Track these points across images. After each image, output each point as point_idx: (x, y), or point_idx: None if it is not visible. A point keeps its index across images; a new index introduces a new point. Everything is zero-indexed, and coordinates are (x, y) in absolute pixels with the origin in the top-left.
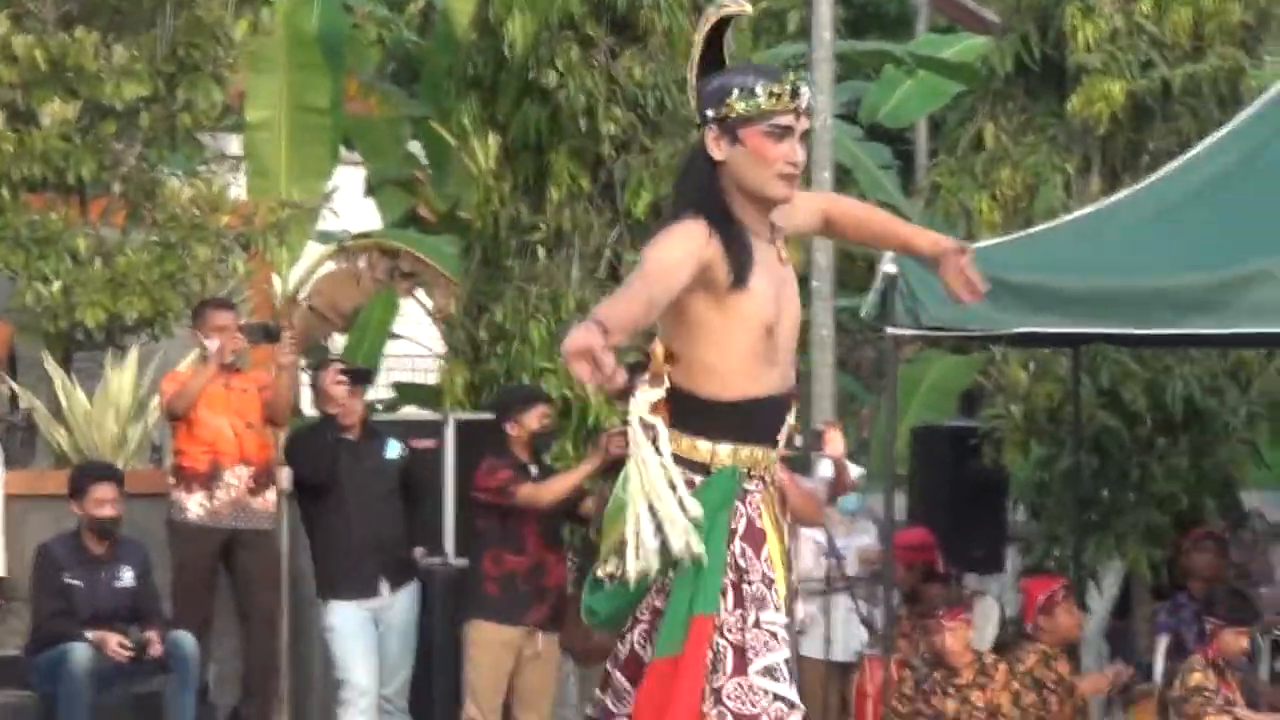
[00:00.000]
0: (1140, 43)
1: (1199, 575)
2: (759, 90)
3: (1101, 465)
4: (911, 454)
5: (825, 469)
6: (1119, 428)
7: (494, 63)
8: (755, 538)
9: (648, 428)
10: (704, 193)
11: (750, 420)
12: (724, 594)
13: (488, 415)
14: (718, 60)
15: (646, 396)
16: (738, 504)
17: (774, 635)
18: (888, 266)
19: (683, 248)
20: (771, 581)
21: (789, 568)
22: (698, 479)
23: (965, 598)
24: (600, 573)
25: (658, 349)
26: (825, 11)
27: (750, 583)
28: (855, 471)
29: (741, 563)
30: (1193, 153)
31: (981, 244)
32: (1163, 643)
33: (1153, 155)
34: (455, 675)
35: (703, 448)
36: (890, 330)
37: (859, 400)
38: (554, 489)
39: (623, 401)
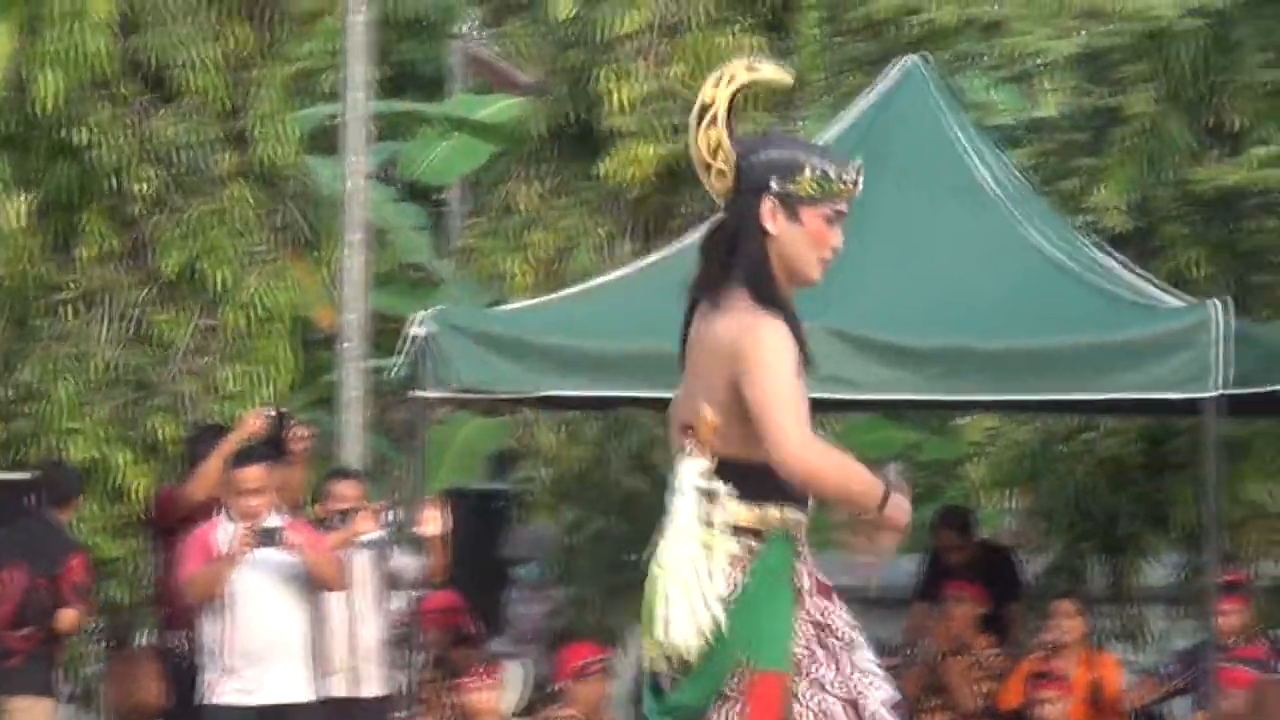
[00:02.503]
0: (673, 107)
1: None
2: (833, 174)
3: (631, 529)
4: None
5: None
6: (648, 491)
7: (25, 120)
8: (824, 591)
9: (707, 494)
10: (762, 272)
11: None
12: (809, 653)
13: (19, 475)
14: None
15: (696, 466)
16: (797, 563)
17: (874, 673)
18: (417, 329)
19: (789, 355)
20: (856, 625)
21: None
22: (755, 544)
23: (494, 660)
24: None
25: (710, 416)
26: (359, 72)
27: (838, 635)
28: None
29: (820, 618)
30: None
31: (513, 306)
32: None
33: (684, 218)
34: None
35: (757, 513)
36: (419, 393)
37: (390, 461)
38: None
39: None
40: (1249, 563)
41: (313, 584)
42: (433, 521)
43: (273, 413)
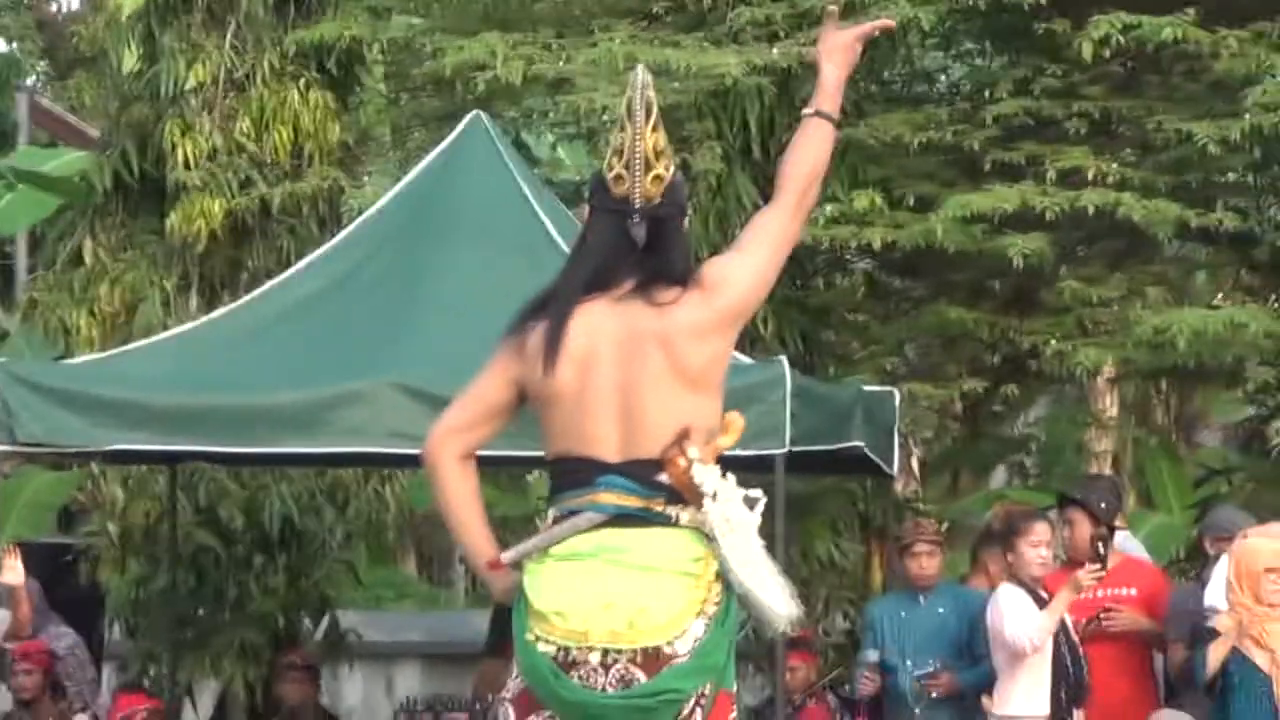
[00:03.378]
0: (240, 161)
1: (293, 703)
2: None
3: (199, 583)
4: None
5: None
6: (216, 546)
7: None
8: None
9: (750, 501)
10: (690, 273)
11: None
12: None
13: None
14: None
15: (714, 472)
16: None
17: None
18: None
19: None
20: None
21: None
22: None
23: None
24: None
25: (740, 418)
26: None
27: None
28: None
29: None
30: (290, 271)
31: (77, 360)
32: None
33: (252, 273)
34: None
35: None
36: None
37: None
38: None
39: None
40: (818, 619)
41: None
42: (11, 570)
43: None
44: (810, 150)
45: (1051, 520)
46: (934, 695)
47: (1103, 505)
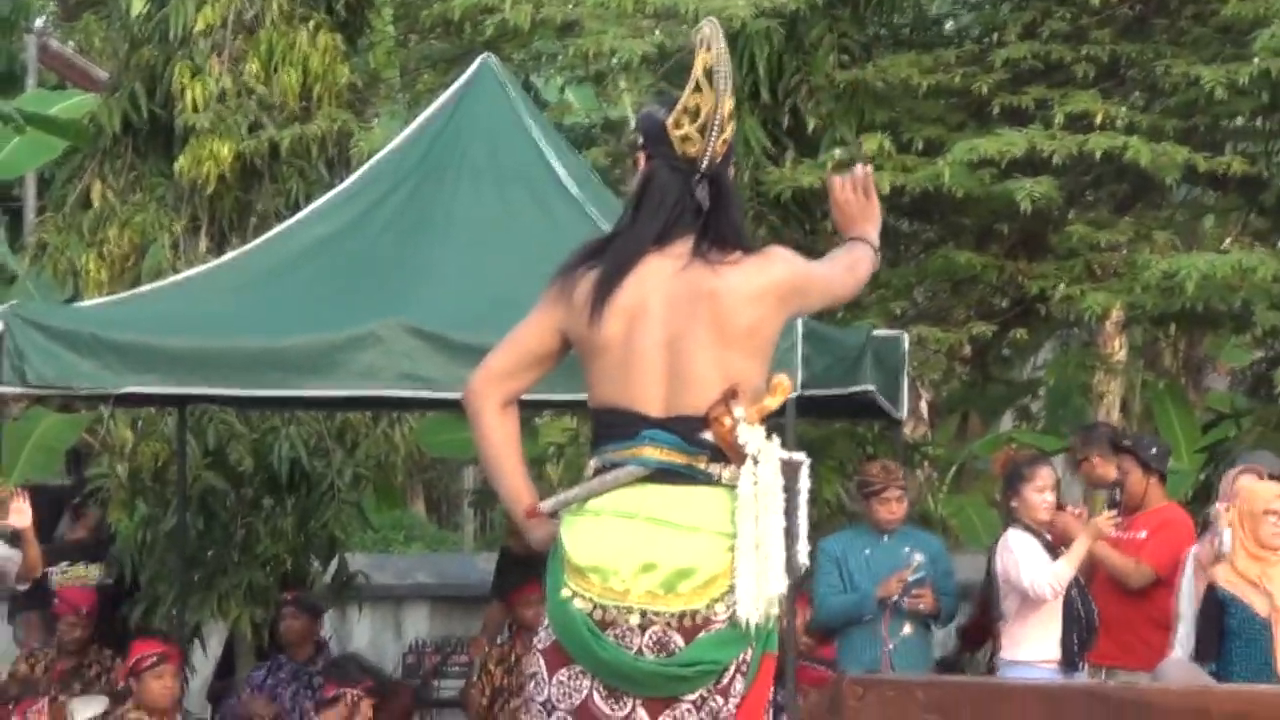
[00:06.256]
0: (249, 104)
1: (290, 640)
2: None
3: (207, 525)
4: None
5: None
6: (225, 488)
7: None
8: None
9: (794, 465)
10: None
11: None
12: None
13: None
14: None
15: (759, 433)
16: None
17: None
18: None
19: None
20: None
21: None
22: None
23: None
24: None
25: (787, 380)
26: None
27: None
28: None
29: None
30: (301, 214)
31: (87, 303)
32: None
33: (261, 216)
34: None
35: None
36: None
37: None
38: None
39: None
40: None
41: None
42: (19, 514)
43: None
44: (855, 255)
45: (1053, 465)
46: (921, 608)
47: (1154, 451)
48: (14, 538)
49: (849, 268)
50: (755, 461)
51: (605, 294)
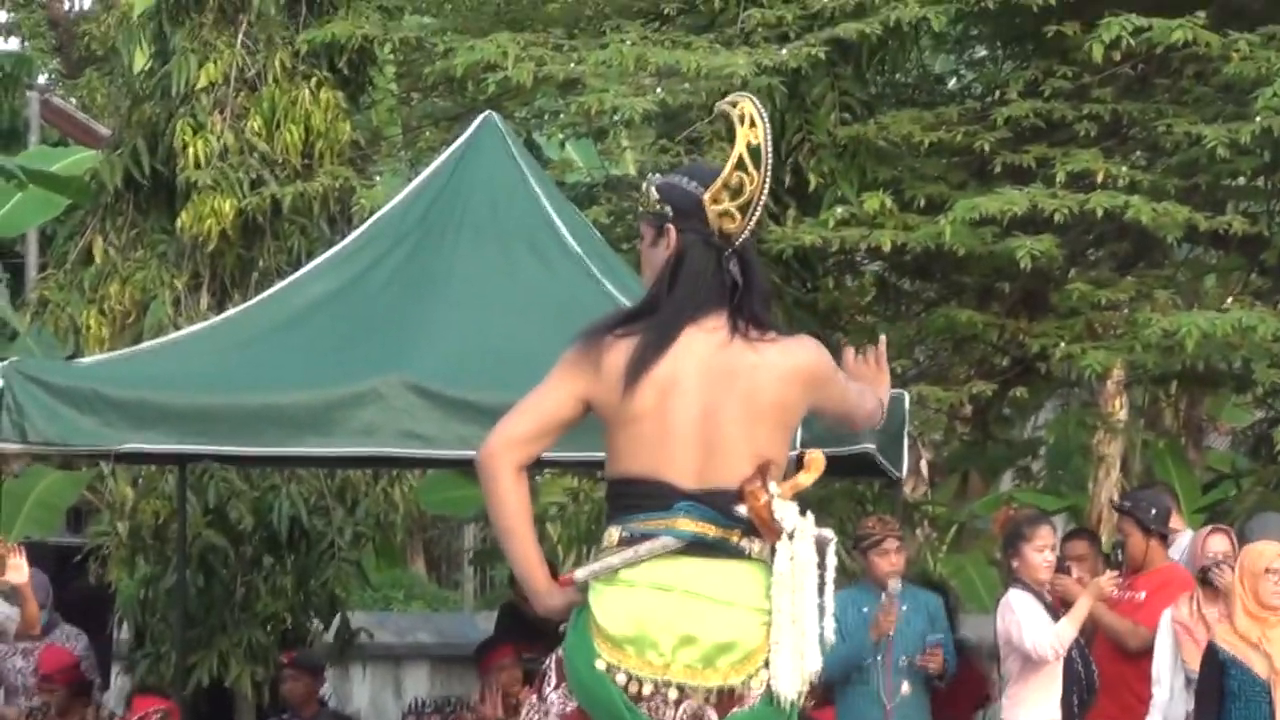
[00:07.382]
0: (251, 160)
1: (294, 701)
2: None
3: (207, 583)
4: None
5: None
6: (225, 546)
7: None
8: None
9: (822, 542)
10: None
11: None
12: None
13: None
14: None
15: (793, 508)
16: None
17: None
18: None
19: None
20: None
21: None
22: None
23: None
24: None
25: (821, 456)
26: None
27: None
28: None
29: None
30: (302, 271)
31: (88, 360)
32: None
33: (262, 273)
34: None
35: None
36: None
37: None
38: None
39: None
40: None
41: None
42: (15, 570)
43: None
44: (867, 392)
45: (1053, 524)
46: (930, 669)
47: (1152, 512)
48: (12, 594)
49: (863, 392)
50: (791, 537)
51: (644, 365)
